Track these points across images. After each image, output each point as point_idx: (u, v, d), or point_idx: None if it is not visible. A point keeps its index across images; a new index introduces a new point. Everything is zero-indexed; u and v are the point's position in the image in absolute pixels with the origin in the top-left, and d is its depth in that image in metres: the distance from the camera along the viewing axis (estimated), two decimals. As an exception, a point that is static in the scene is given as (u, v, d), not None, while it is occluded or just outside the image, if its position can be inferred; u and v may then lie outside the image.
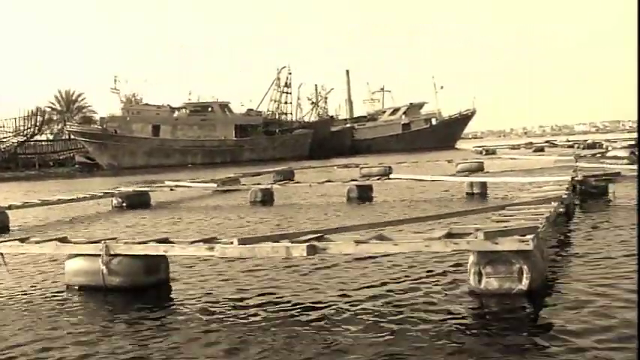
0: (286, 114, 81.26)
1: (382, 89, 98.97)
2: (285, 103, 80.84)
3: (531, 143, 48.76)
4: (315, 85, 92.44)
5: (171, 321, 5.62)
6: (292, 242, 6.04)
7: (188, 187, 19.54)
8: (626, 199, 12.59)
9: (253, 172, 25.86)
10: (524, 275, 5.42)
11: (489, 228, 5.87)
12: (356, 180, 16.94)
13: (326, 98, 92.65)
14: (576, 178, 12.79)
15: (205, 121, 73.03)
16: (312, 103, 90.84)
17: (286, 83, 79.92)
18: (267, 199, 16.84)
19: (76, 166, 67.58)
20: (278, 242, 6.19)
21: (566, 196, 9.56)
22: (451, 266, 6.65)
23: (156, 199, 18.98)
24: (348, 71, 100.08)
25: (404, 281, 6.38)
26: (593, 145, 38.72)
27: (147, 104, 75.57)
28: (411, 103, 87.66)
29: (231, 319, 5.50)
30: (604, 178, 13.05)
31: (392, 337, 4.81)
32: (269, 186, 17.58)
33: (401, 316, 5.28)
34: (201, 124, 72.68)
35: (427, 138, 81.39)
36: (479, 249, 5.51)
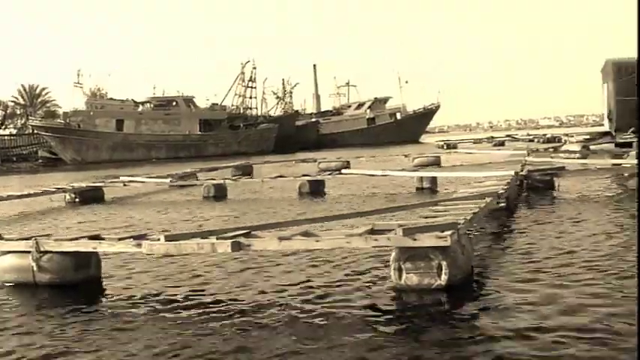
0: (251, 108, 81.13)
1: (347, 84, 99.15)
2: (250, 97, 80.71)
3: (493, 137, 49.11)
4: (283, 80, 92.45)
5: (98, 317, 5.61)
6: (217, 239, 6.06)
7: (142, 182, 19.45)
8: (571, 193, 12.78)
9: (210, 167, 25.77)
10: (443, 271, 5.49)
11: (411, 224, 5.93)
12: (308, 175, 16.94)
13: (291, 93, 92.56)
14: (521, 173, 12.91)
15: (169, 116, 72.65)
16: (277, 97, 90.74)
17: (251, 78, 79.79)
18: (220, 194, 16.81)
19: (39, 160, 66.89)
20: (205, 239, 6.20)
21: (503, 191, 9.65)
22: (380, 262, 6.70)
23: (110, 194, 18.86)
24: (315, 66, 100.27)
25: (331, 277, 6.41)
26: (552, 139, 39.15)
27: (111, 99, 75.00)
28: (375, 98, 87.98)
29: (156, 316, 5.51)
30: (548, 172, 13.20)
31: (310, 332, 4.84)
32: (222, 181, 17.55)
33: (321, 311, 5.31)
34: (165, 119, 72.28)
35: (392, 132, 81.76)
36: (398, 245, 5.57)
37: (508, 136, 52.02)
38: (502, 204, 10.47)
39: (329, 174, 17.06)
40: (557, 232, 8.51)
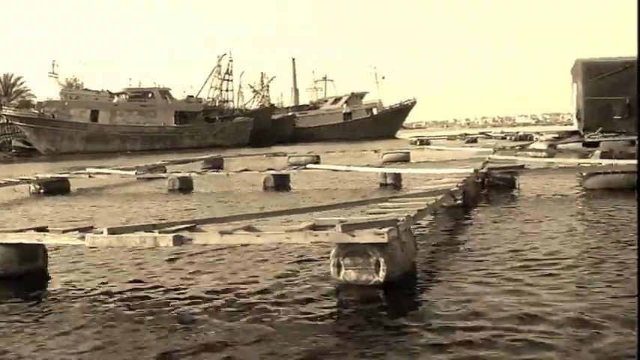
0: (227, 101, 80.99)
1: (325, 78, 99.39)
2: (227, 90, 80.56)
3: (466, 134, 49.35)
4: (262, 73, 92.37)
5: (39, 310, 5.58)
6: (160, 232, 6.06)
7: (108, 173, 19.39)
8: (531, 192, 12.86)
9: (180, 160, 25.72)
10: (381, 267, 5.52)
11: (352, 220, 5.97)
12: (273, 169, 16.95)
13: (267, 86, 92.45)
14: (481, 171, 12.98)
15: (145, 107, 72.43)
16: (254, 91, 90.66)
17: (227, 71, 79.58)
18: (185, 187, 16.77)
19: (13, 151, 66.40)
20: (150, 232, 6.19)
21: (457, 188, 9.70)
22: (324, 257, 6.72)
23: (77, 185, 18.76)
24: (294, 59, 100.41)
25: (274, 271, 6.42)
26: (524, 137, 39.38)
27: (86, 89, 74.62)
28: (352, 93, 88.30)
29: (97, 308, 5.50)
30: (508, 171, 13.29)
31: (244, 326, 4.85)
32: (187, 174, 17.52)
33: (257, 305, 5.32)
34: (140, 110, 72.05)
35: (368, 127, 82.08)
36: (337, 241, 5.60)
37: (482, 133, 52.30)
38: (459, 201, 10.54)
39: (294, 168, 17.08)
40: (511, 230, 8.54)
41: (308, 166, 17.83)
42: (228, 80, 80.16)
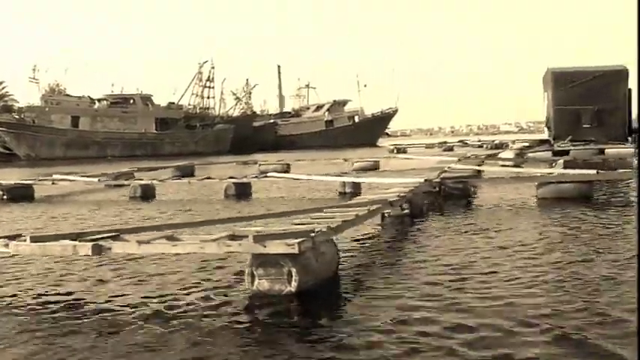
0: (208, 108, 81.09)
1: (307, 85, 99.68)
2: (208, 97, 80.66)
3: (445, 142, 49.61)
4: (247, 80, 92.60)
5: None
6: (80, 241, 6.11)
7: (72, 180, 19.39)
8: (485, 201, 12.95)
9: (149, 167, 25.71)
10: (293, 277, 5.58)
11: (268, 230, 6.04)
12: (234, 177, 17.00)
13: (250, 93, 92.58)
14: (435, 180, 13.08)
15: (126, 114, 72.47)
16: (236, 98, 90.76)
17: (209, 78, 79.72)
18: (147, 195, 16.79)
19: (-8, 155, 66.21)
20: (70, 240, 6.23)
21: (397, 198, 9.76)
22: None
23: (43, 192, 18.75)
24: (279, 66, 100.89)
25: (192, 280, 6.46)
26: (499, 146, 39.61)
27: (67, 95, 74.56)
28: (334, 100, 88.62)
29: (15, 319, 5.53)
30: (461, 180, 13.39)
31: (154, 336, 4.89)
32: (149, 182, 17.55)
33: (170, 314, 5.36)
34: (121, 117, 72.10)
35: (350, 135, 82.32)
36: (248, 251, 5.65)
37: (460, 141, 52.57)
38: (406, 211, 10.62)
39: (254, 177, 17.14)
40: (447, 240, 8.54)
41: (269, 174, 17.90)
42: (209, 87, 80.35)
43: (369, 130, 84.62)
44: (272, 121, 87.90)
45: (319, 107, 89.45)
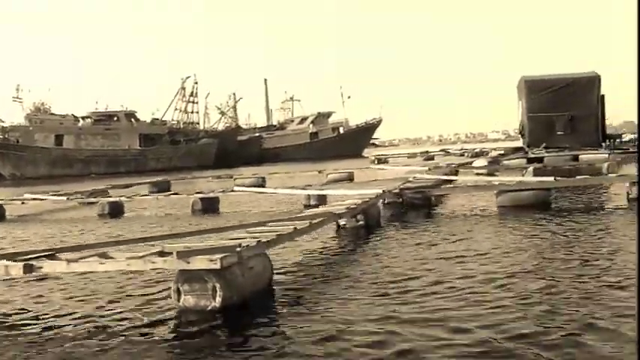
0: (192, 123, 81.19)
1: (292, 98, 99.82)
2: (192, 112, 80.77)
3: (427, 152, 49.68)
4: (234, 94, 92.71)
5: None
6: (11, 261, 6.15)
7: (42, 199, 19.41)
8: (446, 210, 13.03)
9: (125, 184, 25.70)
10: (218, 293, 5.62)
11: (194, 246, 6.09)
12: (201, 192, 17.05)
13: (234, 107, 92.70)
14: (394, 191, 13.14)
15: (109, 131, 72.44)
16: (221, 112, 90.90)
17: (192, 93, 79.87)
18: (115, 212, 16.81)
19: (-23, 175, 66.05)
20: (9, 260, 6.27)
21: (345, 211, 9.82)
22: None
23: (14, 212, 18.76)
24: (266, 80, 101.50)
25: (122, 300, 6.49)
26: (480, 154, 39.73)
27: (52, 114, 74.47)
28: (319, 113, 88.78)
29: None
30: (420, 190, 13.45)
31: (81, 354, 4.93)
32: (117, 199, 17.59)
33: (94, 333, 5.39)
34: (105, 134, 72.08)
35: (335, 146, 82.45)
36: (172, 267, 5.71)
37: (442, 150, 52.71)
38: (361, 222, 10.67)
39: (221, 191, 17.18)
40: (403, 252, 8.49)
41: (236, 188, 17.97)
42: (193, 102, 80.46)
43: (354, 141, 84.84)
44: (257, 134, 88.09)
45: (303, 119, 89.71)
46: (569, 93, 29.50)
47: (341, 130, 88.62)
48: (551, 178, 13.46)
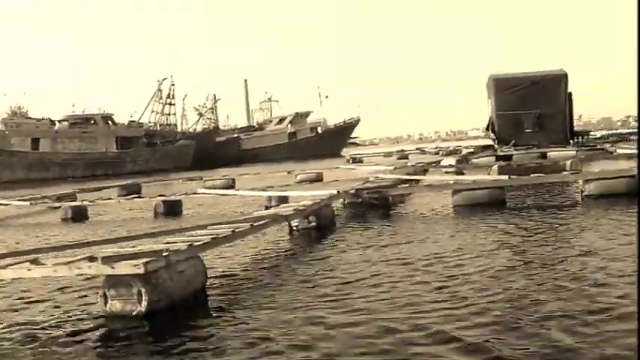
0: (170, 125, 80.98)
1: (270, 99, 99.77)
2: (169, 114, 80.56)
3: (403, 150, 49.71)
4: (214, 95, 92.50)
5: None
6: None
7: (5, 204, 19.39)
8: (404, 210, 13.11)
9: (94, 188, 25.62)
10: (143, 298, 5.66)
11: (122, 251, 6.13)
12: (164, 195, 17.06)
13: (212, 109, 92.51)
14: (350, 192, 13.21)
15: (86, 134, 72.03)
16: (199, 114, 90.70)
17: (169, 94, 79.64)
18: (78, 216, 16.77)
19: (-47, 181, 65.52)
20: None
21: (292, 212, 9.87)
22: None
23: (-21, 217, 18.72)
24: (246, 80, 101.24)
25: (53, 305, 6.52)
26: (454, 152, 39.79)
27: (28, 117, 74.05)
28: (296, 113, 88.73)
29: None
30: (377, 190, 13.53)
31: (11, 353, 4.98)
32: (80, 203, 17.57)
33: (23, 340, 5.41)
34: (82, 137, 71.64)
35: (313, 146, 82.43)
36: (97, 273, 5.75)
37: (417, 149, 52.74)
38: (313, 223, 10.72)
39: (184, 194, 17.18)
40: (350, 254, 8.51)
41: (199, 190, 17.97)
42: (170, 104, 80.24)
43: (332, 141, 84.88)
44: (235, 135, 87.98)
45: (282, 120, 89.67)
46: (537, 91, 29.68)
47: (319, 130, 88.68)
48: (506, 177, 13.58)
